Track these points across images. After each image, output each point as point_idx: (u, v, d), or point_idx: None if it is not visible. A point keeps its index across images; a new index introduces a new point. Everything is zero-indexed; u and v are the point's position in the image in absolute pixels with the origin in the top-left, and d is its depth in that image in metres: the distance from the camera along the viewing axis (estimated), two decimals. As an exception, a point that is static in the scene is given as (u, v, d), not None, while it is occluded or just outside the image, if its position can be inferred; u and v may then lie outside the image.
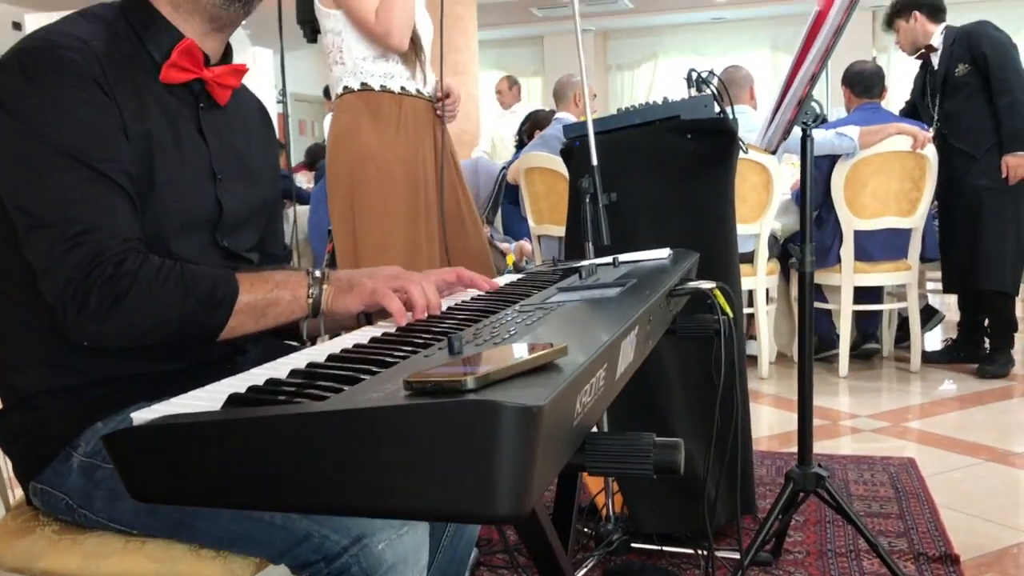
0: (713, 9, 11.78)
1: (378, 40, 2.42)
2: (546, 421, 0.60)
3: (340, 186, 2.48)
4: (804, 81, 1.66)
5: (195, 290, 1.08)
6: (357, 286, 1.13)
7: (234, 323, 1.10)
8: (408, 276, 1.15)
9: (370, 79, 2.47)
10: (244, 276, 1.12)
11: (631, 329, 0.92)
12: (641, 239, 2.15)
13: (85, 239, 1.04)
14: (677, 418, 2.10)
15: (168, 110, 1.19)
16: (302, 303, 1.13)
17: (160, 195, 1.15)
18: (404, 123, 2.49)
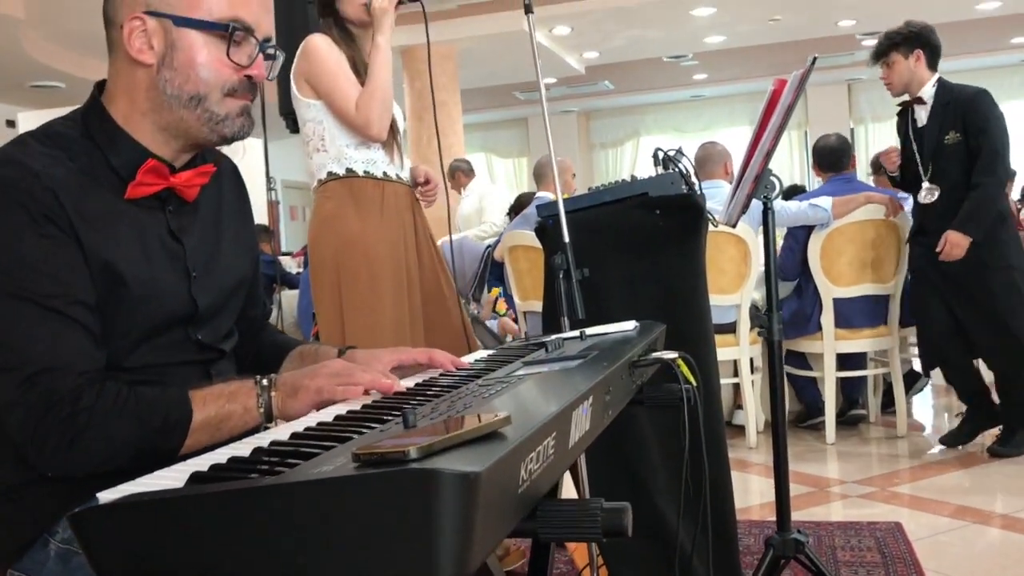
0: (692, 87, 12.09)
1: (358, 130, 2.48)
2: (485, 487, 0.64)
3: (326, 272, 2.52)
4: (760, 157, 1.73)
5: (150, 418, 1.11)
6: (301, 389, 1.14)
7: (190, 442, 1.12)
8: (350, 370, 1.15)
9: (354, 165, 2.52)
10: (197, 393, 1.14)
11: (584, 399, 0.96)
12: (615, 313, 2.20)
13: (40, 379, 1.08)
14: (658, 487, 2.12)
15: (136, 222, 1.22)
16: (254, 414, 1.15)
17: (132, 303, 1.19)
18: (387, 207, 2.54)
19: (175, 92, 1.21)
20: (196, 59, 1.21)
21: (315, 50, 2.45)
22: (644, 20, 8.25)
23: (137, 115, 1.24)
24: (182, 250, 1.27)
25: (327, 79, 2.44)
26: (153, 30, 1.20)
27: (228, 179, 1.44)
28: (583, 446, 0.99)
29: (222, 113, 1.24)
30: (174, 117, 1.23)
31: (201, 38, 1.21)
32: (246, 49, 1.24)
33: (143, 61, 1.21)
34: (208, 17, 1.20)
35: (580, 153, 13.24)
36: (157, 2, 1.20)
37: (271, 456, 0.80)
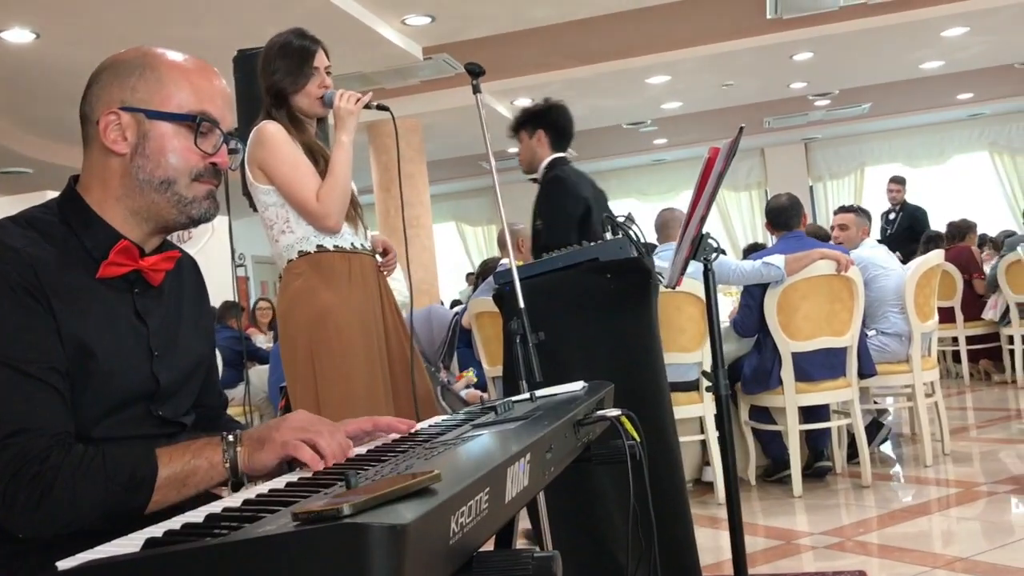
0: (652, 152, 12.38)
1: (316, 220, 2.52)
2: (414, 539, 0.70)
3: (298, 346, 2.55)
4: (696, 222, 1.83)
5: (117, 475, 1.16)
6: (268, 442, 1.20)
7: (157, 497, 1.18)
8: (315, 426, 1.22)
9: (324, 241, 2.57)
10: (163, 451, 1.20)
11: (520, 456, 1.03)
12: (572, 374, 2.27)
13: (12, 441, 1.14)
14: (619, 543, 2.17)
15: (105, 302, 1.30)
16: (220, 469, 1.20)
17: (99, 380, 1.25)
18: (354, 279, 2.59)
19: (147, 177, 1.33)
20: (166, 147, 1.33)
21: (270, 138, 2.51)
22: (601, 89, 8.49)
23: (111, 200, 1.34)
24: (146, 330, 1.35)
25: (285, 169, 2.50)
26: (127, 123, 1.32)
27: (188, 271, 1.53)
28: (522, 501, 1.05)
29: (190, 196, 1.35)
30: (146, 201, 1.34)
31: (171, 128, 1.33)
32: (211, 139, 1.35)
33: (117, 151, 1.32)
34: (178, 110, 1.33)
35: (547, 219, 13.42)
36: (132, 98, 1.32)
37: (223, 520, 0.86)
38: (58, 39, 5.85)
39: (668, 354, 3.50)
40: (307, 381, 2.54)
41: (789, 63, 8.18)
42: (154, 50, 1.37)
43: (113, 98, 1.32)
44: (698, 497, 4.25)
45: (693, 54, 7.66)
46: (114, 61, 1.36)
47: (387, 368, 2.63)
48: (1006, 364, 7.27)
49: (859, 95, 9.93)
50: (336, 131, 2.56)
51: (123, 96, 1.32)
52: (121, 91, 1.32)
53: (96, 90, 1.35)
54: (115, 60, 1.36)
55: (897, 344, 4.60)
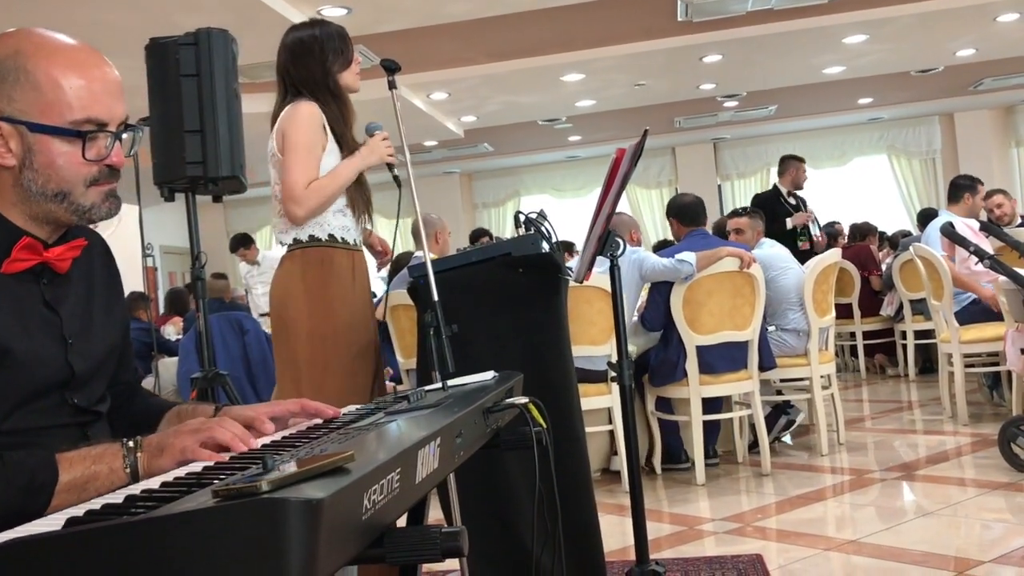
0: (567, 148, 12.53)
1: (291, 204, 2.54)
2: (328, 513, 0.75)
3: (300, 338, 2.56)
4: (602, 220, 1.91)
5: (15, 479, 1.15)
6: (167, 448, 1.21)
7: (56, 502, 1.17)
8: (210, 424, 1.23)
9: (333, 231, 2.61)
10: (63, 456, 1.19)
11: (431, 440, 1.08)
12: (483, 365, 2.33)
13: None
14: (525, 527, 2.24)
15: (13, 295, 1.29)
16: (120, 474, 1.20)
17: (11, 370, 1.25)
18: (357, 275, 2.67)
19: (40, 190, 1.30)
20: (55, 161, 1.28)
21: (303, 116, 2.56)
22: (516, 86, 8.57)
23: (7, 205, 1.31)
24: (58, 319, 1.35)
25: (295, 152, 2.54)
26: (9, 134, 1.27)
27: (98, 254, 1.51)
28: (433, 482, 1.11)
29: (87, 204, 1.33)
30: (42, 209, 1.32)
31: (57, 142, 1.28)
32: (100, 143, 1.31)
33: (4, 164, 1.28)
34: (60, 123, 1.27)
35: (464, 213, 13.47)
36: (10, 108, 1.26)
37: (142, 501, 0.89)
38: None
39: (578, 346, 3.60)
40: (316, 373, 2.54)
41: (699, 65, 8.39)
42: (29, 43, 1.28)
43: None
44: (606, 486, 4.37)
45: (606, 53, 7.80)
46: None
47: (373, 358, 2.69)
48: (899, 359, 7.64)
49: (766, 97, 10.25)
50: (359, 152, 2.66)
51: (0, 105, 1.26)
52: None
53: None
54: None
55: (795, 339, 4.81)
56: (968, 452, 4.60)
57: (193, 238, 3.33)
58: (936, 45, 8.45)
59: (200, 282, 3.29)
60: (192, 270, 3.31)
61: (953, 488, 3.88)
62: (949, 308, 5.10)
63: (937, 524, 3.36)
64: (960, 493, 3.77)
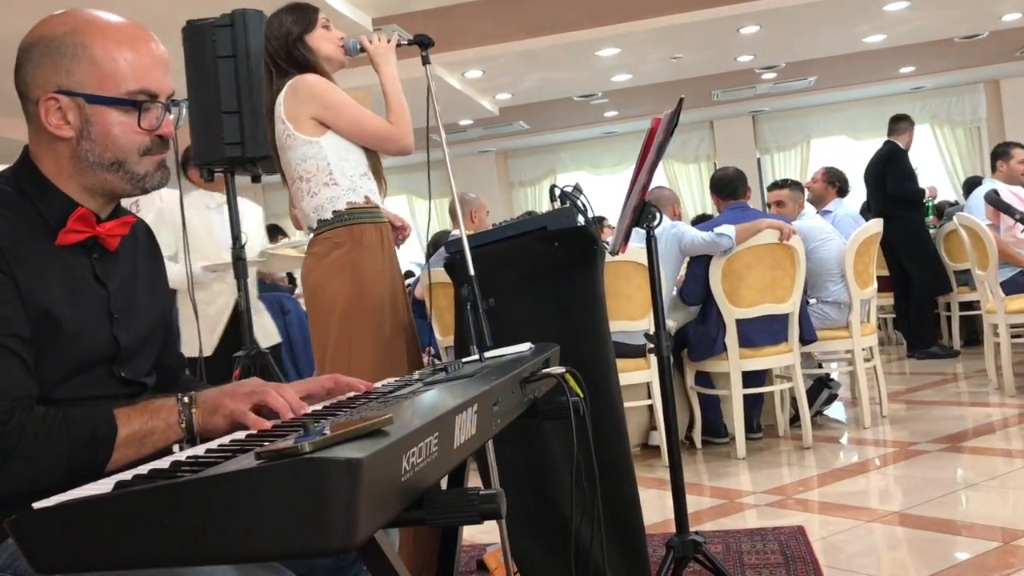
0: (603, 124, 12.45)
1: (394, 143, 2.57)
2: (368, 473, 0.77)
3: (335, 315, 2.56)
4: (638, 191, 1.90)
5: (77, 434, 1.20)
6: (220, 407, 1.26)
7: (117, 456, 1.22)
8: (264, 388, 1.27)
9: (369, 194, 2.60)
10: (121, 411, 1.25)
11: (468, 406, 1.09)
12: (520, 339, 2.35)
13: None
14: (565, 497, 2.25)
15: (64, 266, 1.33)
16: (176, 429, 1.26)
17: (61, 342, 1.29)
18: (385, 249, 2.65)
19: (97, 160, 1.35)
20: (111, 131, 1.34)
21: (320, 87, 2.52)
22: (551, 62, 8.53)
23: (64, 177, 1.36)
24: (106, 293, 1.39)
25: (350, 109, 2.54)
26: (67, 107, 1.33)
27: (142, 235, 1.57)
28: (470, 448, 1.12)
29: (142, 172, 1.38)
30: (98, 179, 1.36)
31: (113, 112, 1.34)
32: (153, 113, 1.37)
33: (62, 135, 1.34)
34: (116, 93, 1.33)
35: (500, 191, 13.47)
36: (69, 81, 1.32)
37: (187, 465, 0.92)
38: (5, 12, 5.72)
39: (615, 322, 3.60)
40: (340, 351, 2.54)
41: (736, 36, 8.29)
42: (84, 21, 1.34)
43: (48, 80, 1.32)
44: (645, 460, 4.38)
45: (642, 27, 7.73)
46: (43, 36, 1.33)
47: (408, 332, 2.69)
48: (943, 331, 7.52)
49: (805, 68, 10.10)
50: (380, 67, 2.62)
51: (59, 79, 1.31)
52: (56, 73, 1.31)
53: (29, 68, 1.34)
54: (44, 35, 1.33)
55: (837, 312, 4.76)
56: (1015, 423, 4.52)
57: (233, 219, 3.37)
58: (981, 10, 8.25)
59: (240, 262, 3.33)
60: (232, 250, 3.36)
61: (999, 459, 3.83)
62: (994, 278, 5.01)
63: (983, 496, 3.32)
64: (1006, 464, 3.72)
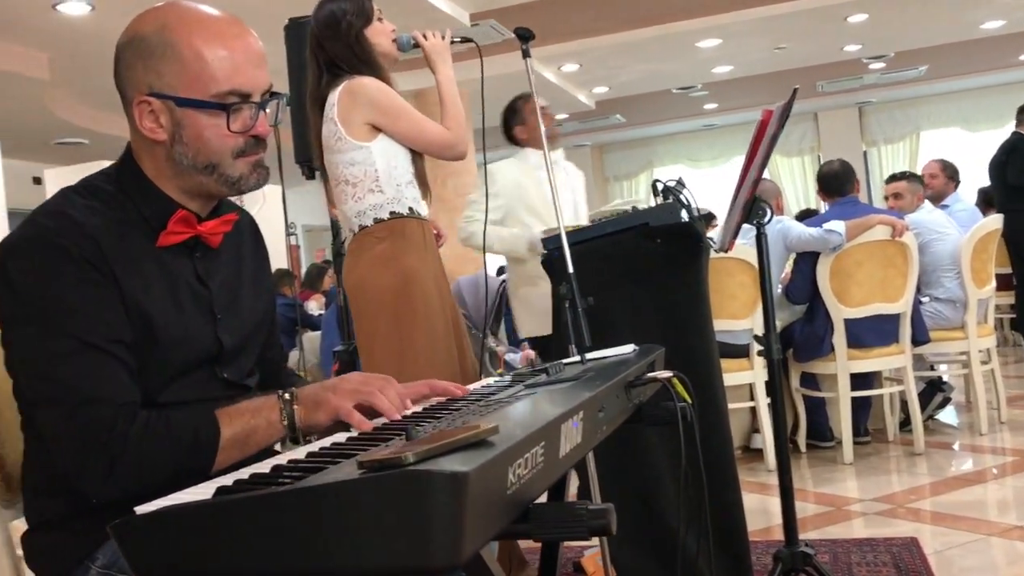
0: (702, 117, 12.21)
1: (451, 149, 2.54)
2: (474, 486, 0.73)
3: (383, 311, 2.51)
4: (748, 186, 1.82)
5: (181, 438, 1.19)
6: (323, 403, 1.23)
7: (221, 458, 1.21)
8: (368, 385, 1.24)
9: (413, 204, 2.56)
10: (223, 412, 1.23)
11: (573, 414, 1.04)
12: (621, 339, 2.28)
13: (81, 411, 1.17)
14: (669, 505, 2.18)
15: (166, 268, 1.32)
16: (278, 427, 1.24)
17: (163, 345, 1.28)
18: (428, 245, 2.61)
19: (190, 163, 1.32)
20: (203, 134, 1.30)
21: (377, 91, 2.46)
22: (650, 54, 8.39)
23: (163, 178, 1.34)
24: (208, 293, 1.37)
25: (408, 115, 2.51)
26: (159, 109, 1.29)
27: (246, 229, 1.54)
28: (576, 457, 1.07)
29: (236, 175, 1.34)
30: (194, 182, 1.34)
31: (203, 115, 1.29)
32: (245, 114, 1.31)
33: (156, 139, 1.31)
34: (206, 96, 1.28)
35: (595, 186, 13.37)
36: (159, 83, 1.28)
37: (288, 471, 0.89)
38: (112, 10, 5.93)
39: (719, 320, 3.49)
40: (390, 344, 2.49)
41: (843, 25, 7.99)
42: (175, 17, 1.29)
43: (140, 81, 1.29)
44: (747, 464, 4.25)
45: (745, 16, 7.52)
46: (135, 34, 1.30)
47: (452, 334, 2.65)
48: (1066, 332, 7.11)
49: (915, 57, 9.68)
50: (437, 67, 2.61)
51: (150, 81, 1.28)
52: (147, 74, 1.28)
53: (122, 69, 1.31)
54: (136, 33, 1.30)
55: (951, 311, 4.53)
56: None
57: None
58: (1111, -9, 7.76)
59: (340, 258, 3.36)
60: (332, 246, 3.39)
61: None
62: None
63: (1115, 511, 3.11)
64: None
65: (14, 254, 1.23)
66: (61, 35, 6.45)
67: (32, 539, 1.31)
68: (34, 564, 1.32)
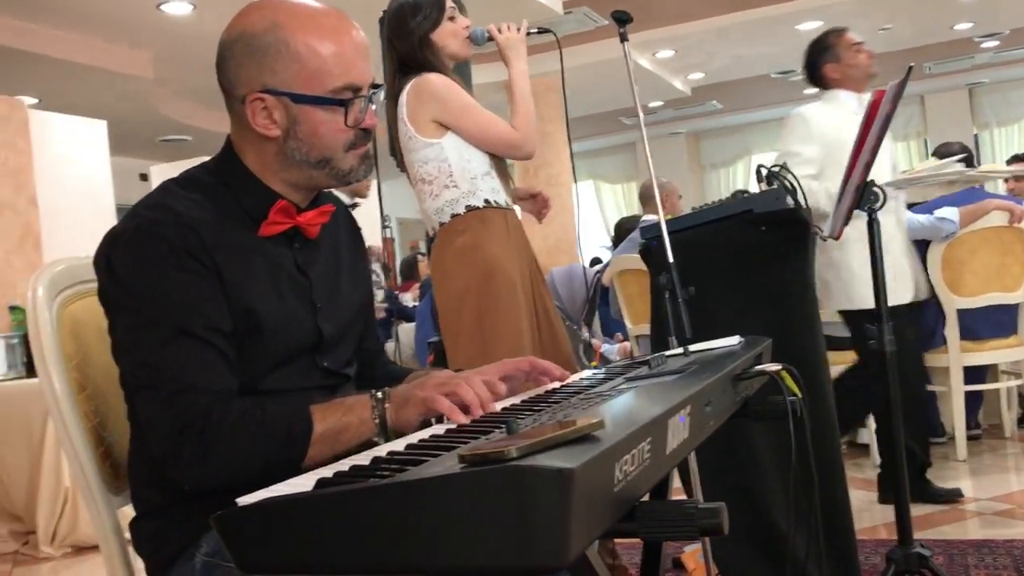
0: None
1: (516, 150, 2.52)
2: (580, 483, 0.69)
3: (466, 302, 2.50)
4: (861, 169, 1.73)
5: (274, 430, 1.19)
6: (411, 399, 1.21)
7: (312, 452, 1.20)
8: (456, 379, 1.21)
9: (490, 195, 2.53)
10: (316, 408, 1.22)
11: (681, 408, 1.00)
12: (723, 330, 2.20)
13: (177, 399, 1.18)
14: (774, 503, 2.11)
15: (267, 257, 1.33)
16: (370, 424, 1.22)
17: (265, 333, 1.29)
18: (512, 235, 2.57)
19: (303, 158, 1.33)
20: (318, 130, 1.31)
21: (443, 89, 2.45)
22: (748, 38, 8.18)
23: (268, 172, 1.35)
24: (308, 283, 1.38)
25: (473, 112, 2.48)
26: (273, 106, 1.30)
27: (343, 220, 1.55)
28: (682, 453, 1.02)
29: (347, 168, 1.35)
30: (304, 175, 1.35)
31: (319, 111, 1.30)
32: (357, 107, 1.32)
33: (269, 135, 1.32)
34: (322, 92, 1.29)
35: (690, 174, 13.15)
36: (274, 80, 1.29)
37: (388, 463, 0.87)
38: (214, 9, 6.10)
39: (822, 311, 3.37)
40: (474, 336, 2.48)
41: (953, 2, 7.65)
42: (284, 15, 1.29)
43: (253, 79, 1.29)
44: (852, 459, 4.10)
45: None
46: (244, 32, 1.30)
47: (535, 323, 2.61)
48: None
49: (1032, 34, 9.21)
50: (510, 62, 2.56)
51: (264, 79, 1.28)
52: (260, 72, 1.28)
53: (232, 66, 1.31)
54: (245, 31, 1.30)
55: (1076, 300, 4.27)
56: None
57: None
58: None
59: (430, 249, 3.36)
60: (426, 239, 3.39)
61: None
62: None
63: None
64: None
65: (118, 245, 1.26)
66: (164, 34, 6.66)
67: (139, 526, 1.34)
68: (141, 551, 1.34)
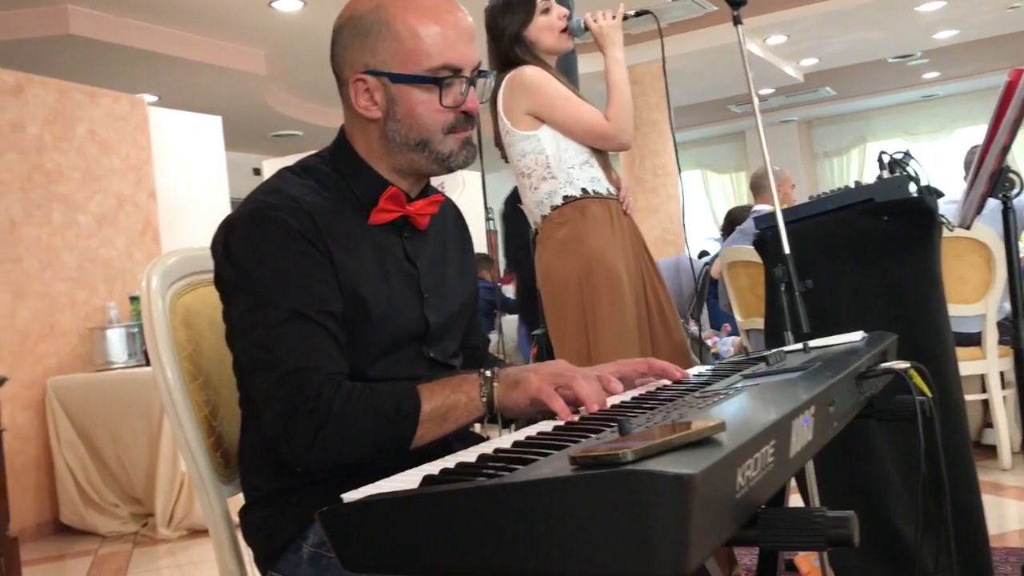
0: (921, 87, 11.38)
1: (610, 141, 2.49)
2: (700, 490, 0.64)
3: (569, 295, 2.48)
4: (996, 154, 1.62)
5: (383, 408, 1.19)
6: (523, 382, 1.19)
7: (421, 431, 1.20)
8: (572, 372, 1.19)
9: (585, 184, 2.51)
10: (424, 387, 1.22)
11: (804, 409, 0.94)
12: (843, 325, 2.10)
13: (290, 378, 1.19)
14: (896, 508, 2.00)
15: (377, 245, 1.34)
16: (477, 403, 1.21)
17: (373, 320, 1.30)
18: (615, 225, 2.53)
19: (403, 140, 1.34)
20: (416, 109, 1.32)
21: (537, 81, 2.45)
22: (864, 21, 7.86)
23: (375, 157, 1.37)
24: (416, 273, 1.38)
25: (564, 103, 2.46)
26: (374, 87, 1.32)
27: (451, 215, 1.55)
28: (806, 457, 0.96)
29: (446, 151, 1.35)
30: (405, 159, 1.36)
31: (417, 90, 1.31)
32: (456, 89, 1.32)
33: (370, 116, 1.33)
34: (419, 71, 1.30)
35: (802, 163, 12.77)
36: (375, 61, 1.31)
37: (495, 461, 0.84)
38: (323, 5, 6.22)
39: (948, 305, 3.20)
40: (578, 330, 2.46)
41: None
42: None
43: (356, 61, 1.32)
44: (979, 461, 3.88)
45: (973, -26, 6.92)
46: (351, 15, 1.33)
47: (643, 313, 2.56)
48: None
49: None
50: (605, 51, 2.52)
51: (365, 59, 1.31)
52: (363, 53, 1.31)
53: (339, 50, 1.34)
54: (352, 14, 1.33)
55: None
56: None
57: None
58: None
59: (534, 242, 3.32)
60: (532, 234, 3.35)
61: None
62: None
63: None
64: None
65: (234, 229, 1.28)
66: (276, 31, 6.83)
67: (247, 514, 1.35)
68: (250, 539, 1.36)
